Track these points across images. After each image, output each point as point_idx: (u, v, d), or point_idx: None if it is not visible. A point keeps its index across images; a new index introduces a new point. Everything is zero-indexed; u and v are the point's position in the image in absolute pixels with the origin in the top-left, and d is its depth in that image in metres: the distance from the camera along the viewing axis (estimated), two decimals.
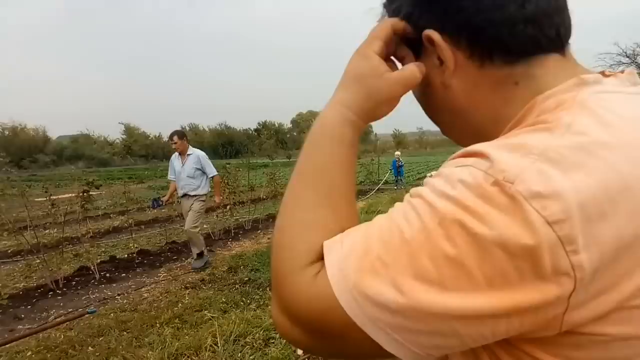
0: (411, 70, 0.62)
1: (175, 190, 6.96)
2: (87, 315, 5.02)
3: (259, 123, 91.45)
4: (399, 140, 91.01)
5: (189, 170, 6.66)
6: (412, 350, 0.48)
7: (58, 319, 4.84)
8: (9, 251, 7.83)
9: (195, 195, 6.73)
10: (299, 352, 3.84)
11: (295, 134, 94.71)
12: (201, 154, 6.90)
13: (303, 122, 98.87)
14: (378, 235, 0.50)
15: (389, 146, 73.17)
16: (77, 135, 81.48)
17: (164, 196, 7.55)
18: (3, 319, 5.12)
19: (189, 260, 7.52)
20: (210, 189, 7.05)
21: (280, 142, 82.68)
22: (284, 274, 0.55)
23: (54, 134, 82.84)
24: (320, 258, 0.54)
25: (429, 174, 20.06)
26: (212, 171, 6.86)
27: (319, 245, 0.54)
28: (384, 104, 0.64)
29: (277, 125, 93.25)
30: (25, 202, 6.43)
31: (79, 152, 71.88)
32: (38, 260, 6.27)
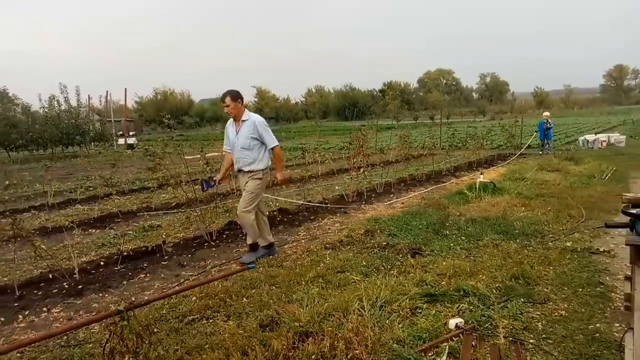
0: None
1: (232, 165, 5.79)
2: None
3: (384, 84, 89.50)
4: (541, 100, 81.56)
5: (243, 141, 5.45)
6: None
7: (223, 273, 5.24)
8: (173, 204, 8.70)
9: (250, 172, 5.53)
10: (451, 324, 3.62)
11: (421, 93, 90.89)
12: (258, 119, 5.54)
13: (431, 82, 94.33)
14: None
15: (529, 106, 66.39)
16: (216, 98, 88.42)
17: (215, 174, 6.34)
18: (169, 265, 5.75)
19: (325, 221, 7.68)
20: (270, 163, 5.74)
21: (405, 102, 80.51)
22: None
23: (196, 97, 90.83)
24: None
25: (581, 137, 17.81)
26: (272, 141, 5.54)
27: None
28: None
29: (402, 85, 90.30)
30: (183, 160, 7.05)
31: (218, 114, 78.05)
32: (195, 213, 6.89)
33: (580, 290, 4.34)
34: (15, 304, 4.67)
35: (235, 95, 5.45)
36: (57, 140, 26.99)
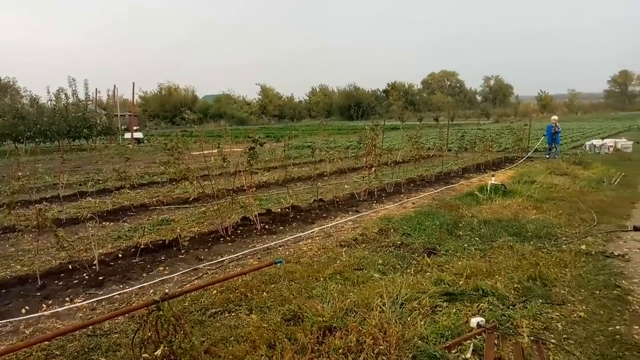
0: None
1: None
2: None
3: (388, 84, 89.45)
4: (545, 104, 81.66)
5: None
6: None
7: (251, 266, 5.31)
8: (187, 198, 8.73)
9: None
10: (473, 323, 3.68)
11: (425, 95, 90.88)
12: None
13: (435, 83, 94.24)
14: None
15: (532, 110, 66.39)
16: (219, 95, 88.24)
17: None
18: (187, 259, 5.81)
19: (337, 219, 7.72)
20: None
21: (409, 103, 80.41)
22: None
23: (200, 93, 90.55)
24: None
25: (588, 142, 17.83)
26: None
27: None
28: None
29: (406, 86, 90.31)
30: (203, 156, 7.11)
31: (221, 111, 77.99)
32: (212, 208, 6.94)
33: (597, 292, 4.39)
34: (38, 294, 4.73)
35: None
36: (64, 133, 27.01)
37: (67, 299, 4.63)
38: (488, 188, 8.96)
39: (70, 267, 5.36)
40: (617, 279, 4.71)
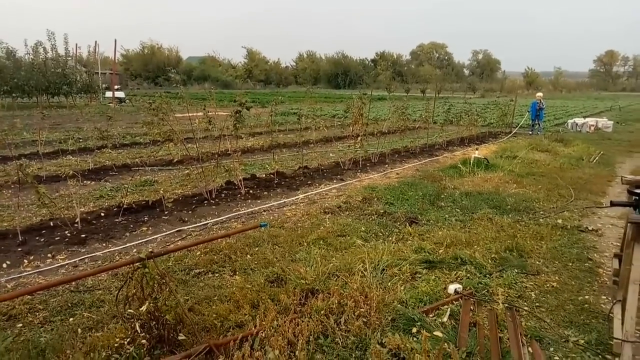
0: None
1: None
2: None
3: (376, 53, 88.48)
4: (531, 80, 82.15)
5: None
6: None
7: (237, 228, 5.35)
8: (172, 160, 8.60)
9: None
10: (450, 289, 3.80)
11: (413, 66, 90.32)
12: None
13: (423, 55, 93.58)
14: None
15: (518, 86, 66.76)
16: (204, 57, 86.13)
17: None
18: (170, 220, 5.81)
19: (322, 186, 7.77)
20: None
21: (397, 74, 79.86)
22: None
23: (184, 54, 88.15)
24: None
25: (570, 120, 18.05)
26: None
27: None
28: None
29: (395, 56, 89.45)
30: (189, 118, 7.01)
31: (205, 74, 76.36)
32: (196, 171, 6.89)
33: (570, 264, 4.56)
34: (19, 249, 4.70)
35: None
36: (43, 88, 26.10)
37: (49, 255, 4.61)
38: (471, 161, 9.09)
39: (51, 224, 5.33)
40: (589, 253, 4.90)
